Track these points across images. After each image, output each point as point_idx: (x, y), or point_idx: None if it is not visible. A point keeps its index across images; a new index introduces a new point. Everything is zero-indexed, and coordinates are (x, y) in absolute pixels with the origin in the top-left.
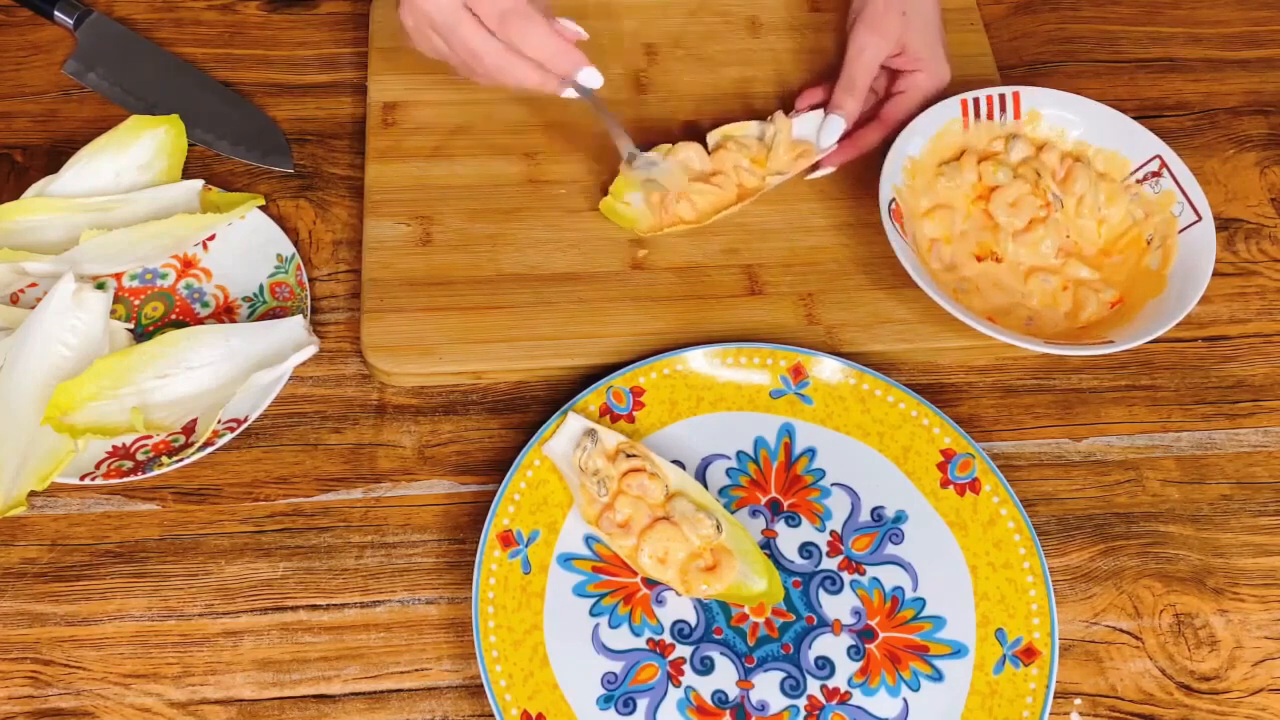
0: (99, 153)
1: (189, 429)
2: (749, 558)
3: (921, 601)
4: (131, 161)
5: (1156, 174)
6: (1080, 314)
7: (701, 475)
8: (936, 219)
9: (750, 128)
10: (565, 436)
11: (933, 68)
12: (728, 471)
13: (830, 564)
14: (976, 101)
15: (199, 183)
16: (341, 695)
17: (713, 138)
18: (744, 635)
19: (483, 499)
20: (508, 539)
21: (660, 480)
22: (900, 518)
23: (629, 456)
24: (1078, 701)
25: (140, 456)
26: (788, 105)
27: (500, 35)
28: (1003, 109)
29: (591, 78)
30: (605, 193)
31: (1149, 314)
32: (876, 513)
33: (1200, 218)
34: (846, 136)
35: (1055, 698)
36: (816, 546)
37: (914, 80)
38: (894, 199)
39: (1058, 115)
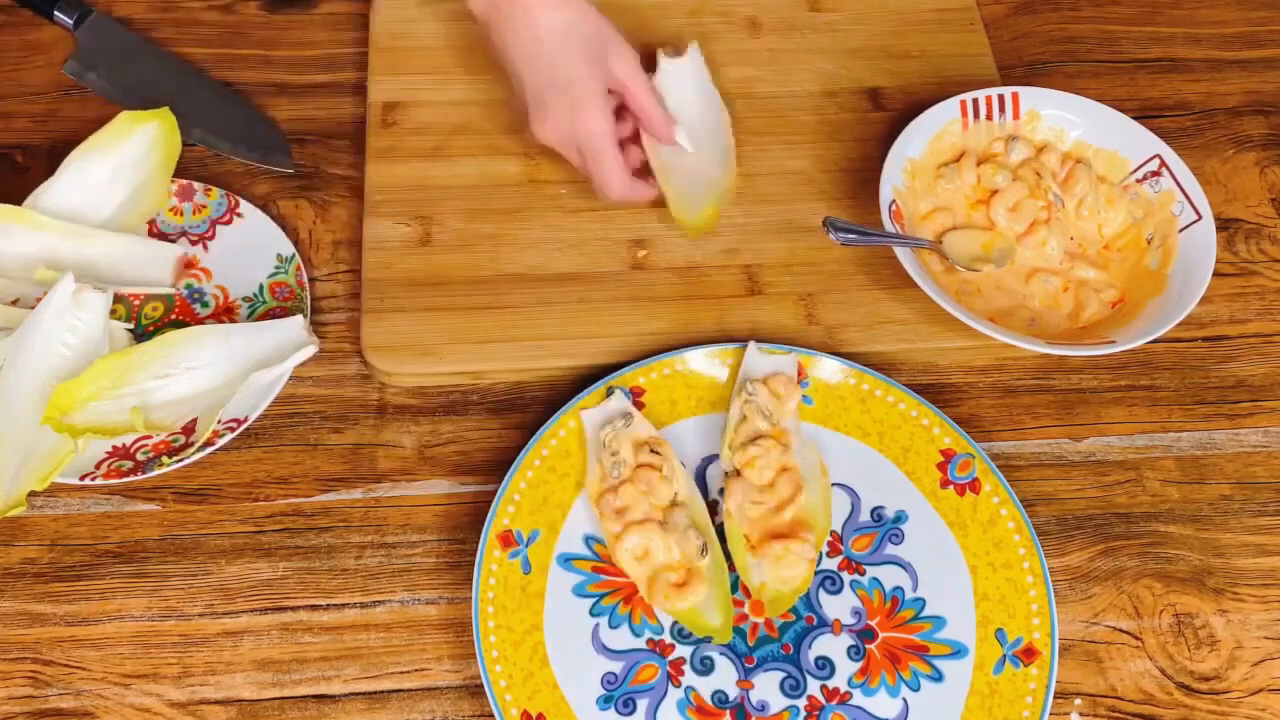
0: (92, 152)
1: (189, 429)
2: (716, 592)
3: (921, 601)
4: (126, 158)
5: (1156, 173)
6: (1081, 314)
7: (701, 475)
8: (937, 222)
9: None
10: (604, 411)
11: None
12: (727, 472)
13: (830, 564)
14: (975, 102)
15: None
16: (341, 695)
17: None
18: (744, 635)
19: (483, 499)
20: (508, 539)
21: (670, 486)
22: (900, 518)
23: (653, 452)
24: (1078, 701)
25: (140, 456)
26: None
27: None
28: (1002, 110)
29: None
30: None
31: (1150, 314)
32: (876, 513)
33: (1200, 217)
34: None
35: (1055, 698)
36: None
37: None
38: (894, 200)
39: (1057, 115)
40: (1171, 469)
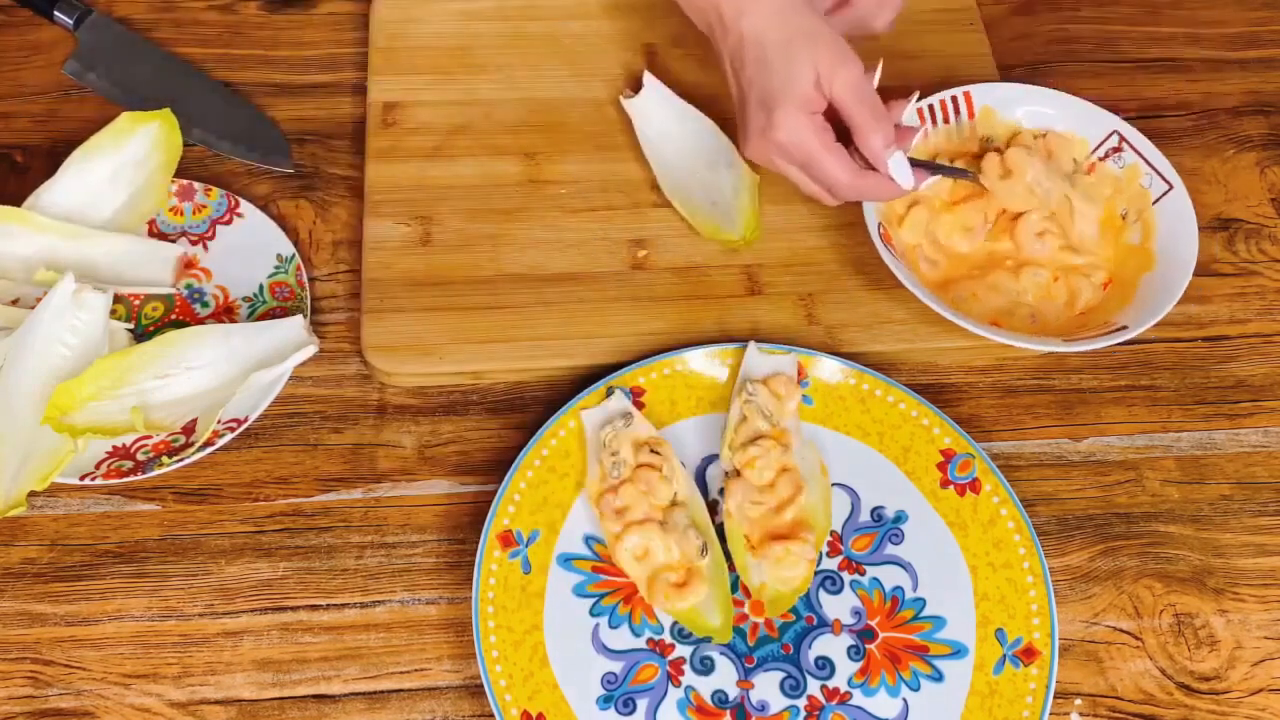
0: (93, 152)
1: (189, 429)
2: (716, 593)
3: (921, 602)
4: (126, 159)
5: (1117, 149)
6: (1077, 301)
7: (701, 475)
8: (910, 221)
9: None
10: (604, 411)
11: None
12: (727, 472)
13: (830, 564)
14: (931, 108)
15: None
16: (341, 695)
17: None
18: (744, 635)
19: (483, 499)
20: (508, 539)
21: (670, 486)
22: (900, 518)
23: (653, 452)
24: (1078, 701)
25: (140, 456)
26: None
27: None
28: (956, 111)
29: (905, 179)
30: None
31: (1147, 292)
32: (876, 513)
33: (1171, 186)
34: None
35: (1055, 698)
36: None
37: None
38: (880, 224)
39: (1010, 109)
40: (1171, 469)
